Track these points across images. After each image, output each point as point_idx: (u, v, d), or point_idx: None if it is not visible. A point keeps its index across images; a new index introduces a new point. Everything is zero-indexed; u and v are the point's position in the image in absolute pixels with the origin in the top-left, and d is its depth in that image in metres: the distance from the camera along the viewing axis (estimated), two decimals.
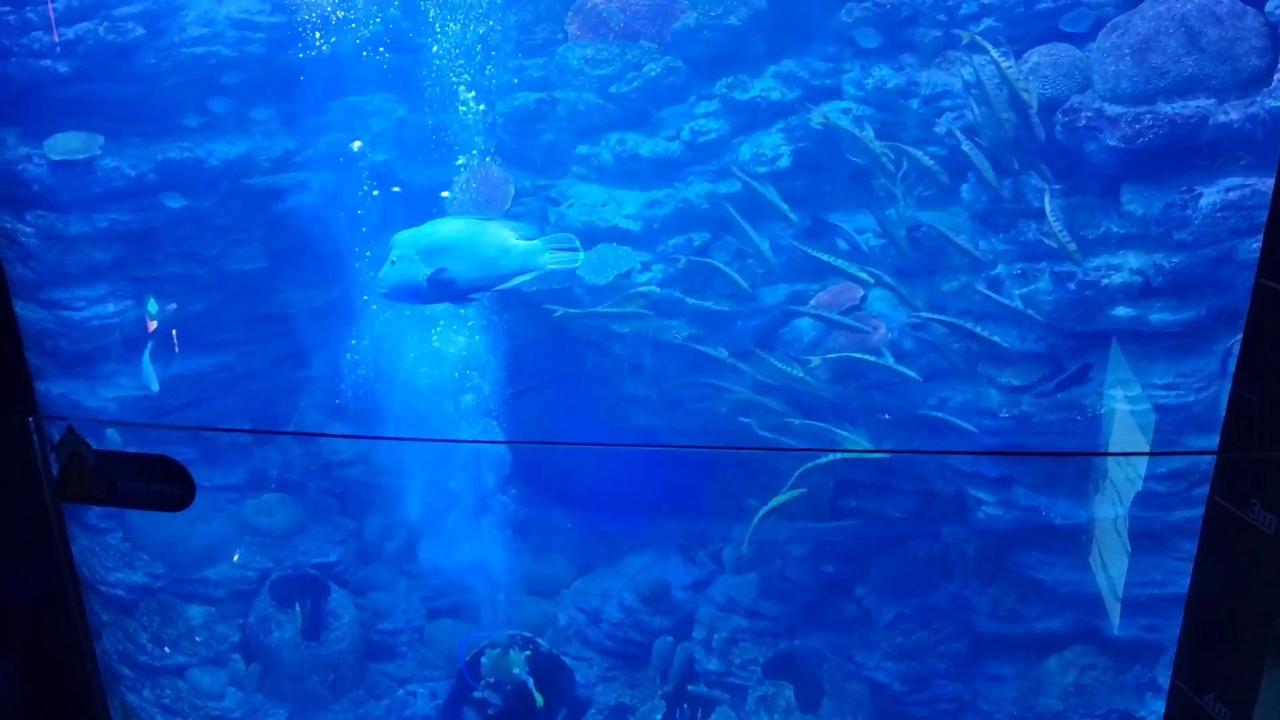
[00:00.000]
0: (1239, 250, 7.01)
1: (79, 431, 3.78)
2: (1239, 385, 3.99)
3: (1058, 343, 7.70)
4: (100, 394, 8.74)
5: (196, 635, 9.06)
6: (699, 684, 8.71)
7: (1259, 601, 3.78)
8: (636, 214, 8.74)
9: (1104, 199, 7.54)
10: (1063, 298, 7.45)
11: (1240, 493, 3.86)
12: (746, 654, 8.67)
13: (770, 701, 8.33)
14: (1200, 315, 7.22)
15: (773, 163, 8.57)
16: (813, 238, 8.87)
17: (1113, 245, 7.43)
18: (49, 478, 3.92)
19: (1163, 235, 7.18)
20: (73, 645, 5.79)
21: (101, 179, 8.35)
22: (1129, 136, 7.14)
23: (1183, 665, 4.22)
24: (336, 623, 9.28)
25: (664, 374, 8.94)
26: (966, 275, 7.95)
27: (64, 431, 3.76)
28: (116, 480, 3.76)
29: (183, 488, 3.73)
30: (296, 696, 9.19)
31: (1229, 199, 6.97)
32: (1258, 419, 3.88)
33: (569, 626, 9.39)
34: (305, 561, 9.48)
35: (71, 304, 8.50)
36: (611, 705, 8.98)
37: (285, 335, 9.46)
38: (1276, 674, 3.77)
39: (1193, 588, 4.16)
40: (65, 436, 3.76)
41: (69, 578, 5.86)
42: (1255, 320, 3.94)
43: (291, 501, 9.68)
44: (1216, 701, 3.97)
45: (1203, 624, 4.13)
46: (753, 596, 8.82)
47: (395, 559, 9.89)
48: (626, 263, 8.66)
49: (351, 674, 9.38)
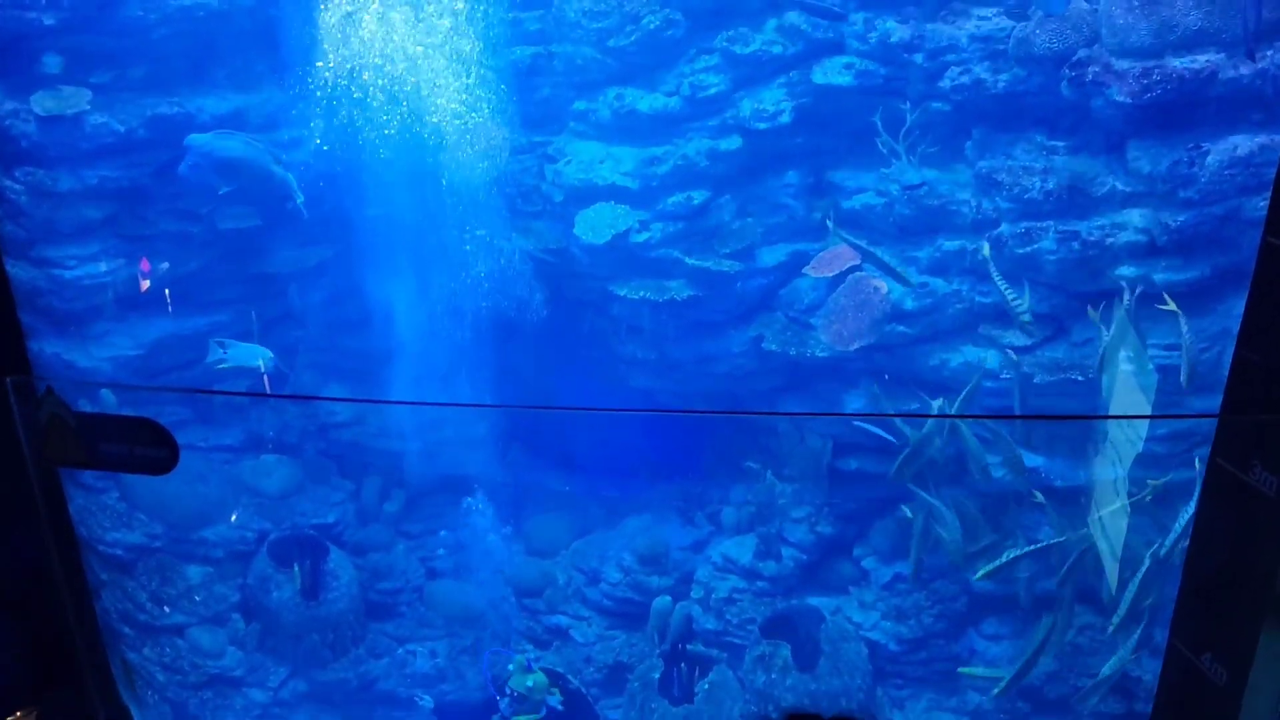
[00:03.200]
0: (1245, 208, 6.91)
1: (58, 393, 3.71)
2: (1242, 346, 3.92)
3: (1061, 303, 7.61)
4: (94, 354, 8.69)
5: (196, 595, 9.07)
6: (697, 643, 8.72)
7: (1258, 563, 3.74)
8: (635, 171, 8.63)
9: (1110, 156, 7.42)
10: (1067, 258, 7.35)
11: (1241, 454, 3.80)
12: (744, 613, 8.67)
13: (767, 660, 8.34)
14: (1205, 275, 7.14)
15: (774, 119, 8.44)
16: (814, 196, 8.77)
17: (1118, 204, 7.32)
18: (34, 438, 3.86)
19: (1169, 193, 7.07)
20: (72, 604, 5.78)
21: (90, 135, 8.24)
22: (1136, 92, 7.01)
23: (1180, 625, 4.19)
24: (335, 583, 9.29)
25: (663, 336, 8.87)
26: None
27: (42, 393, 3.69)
28: (99, 443, 3.69)
29: (168, 450, 3.65)
30: (296, 655, 9.22)
31: (1237, 156, 6.86)
32: (1261, 380, 3.81)
33: (568, 586, 9.40)
34: (303, 522, 9.47)
35: (63, 262, 8.42)
36: (610, 664, 9.00)
37: (280, 295, 9.39)
38: (1274, 634, 3.73)
39: (1191, 549, 4.12)
40: (44, 398, 3.69)
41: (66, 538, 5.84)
42: (1261, 280, 3.85)
43: (289, 463, 9.65)
44: (1213, 661, 3.94)
45: (1201, 585, 4.09)
46: (750, 557, 8.81)
47: (394, 520, 9.89)
48: (624, 222, 8.57)
49: (351, 633, 9.40)
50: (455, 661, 9.43)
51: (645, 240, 8.55)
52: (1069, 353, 7.53)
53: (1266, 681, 3.74)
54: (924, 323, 8.05)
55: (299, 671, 9.23)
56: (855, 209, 8.53)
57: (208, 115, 8.62)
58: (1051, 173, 7.48)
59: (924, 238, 8.18)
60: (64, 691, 5.58)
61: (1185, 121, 7.04)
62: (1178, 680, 4.15)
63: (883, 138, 8.20)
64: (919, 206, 8.07)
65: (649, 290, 8.59)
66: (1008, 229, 7.58)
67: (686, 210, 8.59)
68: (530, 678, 7.75)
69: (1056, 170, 7.48)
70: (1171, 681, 4.25)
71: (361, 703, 9.29)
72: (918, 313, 8.06)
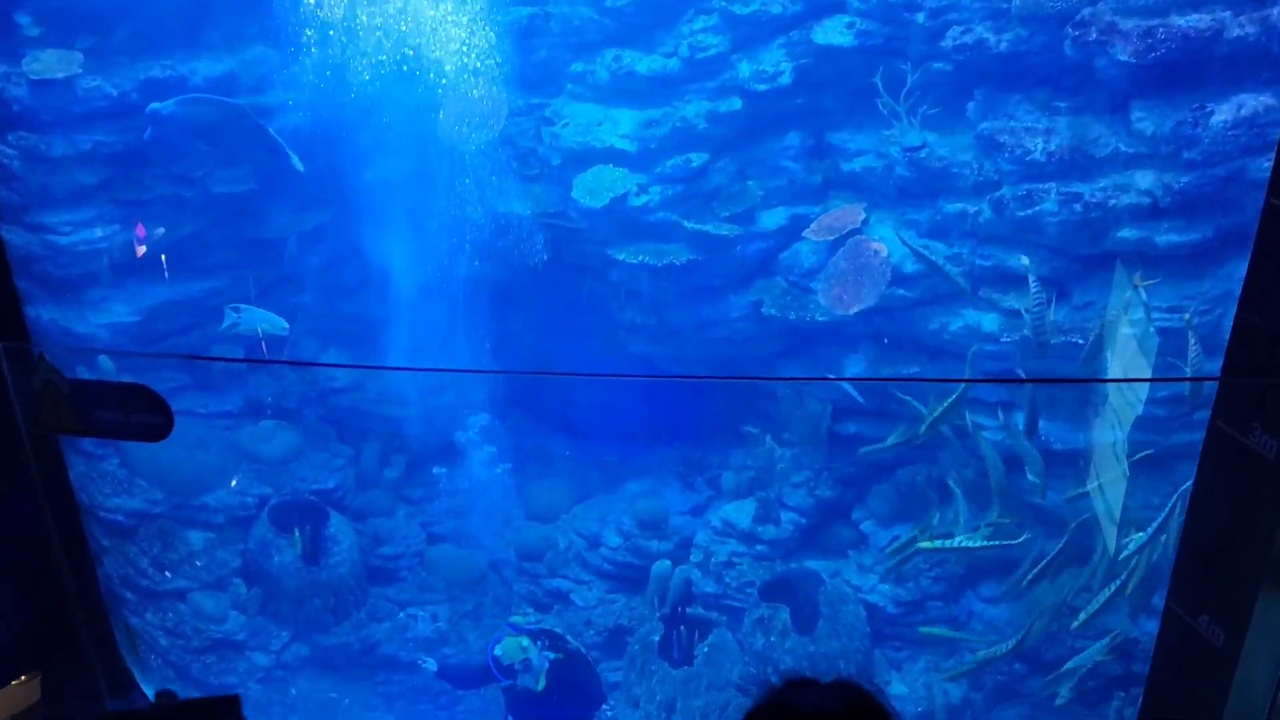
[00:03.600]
0: (1249, 169, 6.85)
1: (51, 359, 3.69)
2: (1244, 309, 3.91)
3: (1062, 266, 7.57)
4: (91, 320, 8.65)
5: (197, 560, 9.11)
6: (696, 606, 8.77)
7: (1257, 525, 3.74)
8: (633, 134, 8.55)
9: (1113, 117, 7.34)
10: (1069, 220, 7.30)
11: (1242, 417, 3.79)
12: (743, 577, 8.70)
13: (767, 623, 8.38)
14: (1207, 237, 7.08)
15: (773, 80, 8.35)
16: (814, 158, 8.69)
17: (1121, 165, 7.25)
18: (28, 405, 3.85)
19: (1172, 154, 7.00)
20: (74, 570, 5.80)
21: (83, 98, 8.15)
22: (1140, 51, 6.92)
23: (1178, 588, 4.21)
24: (336, 548, 9.33)
25: (662, 301, 8.83)
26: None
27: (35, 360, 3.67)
28: (93, 410, 3.69)
29: (162, 417, 3.65)
30: (298, 619, 9.28)
31: (1241, 116, 6.79)
32: (1262, 343, 3.79)
33: (568, 550, 9.43)
34: (303, 488, 9.49)
35: (58, 228, 8.37)
36: (610, 627, 9.05)
37: (277, 260, 9.33)
38: (1272, 596, 3.74)
39: (1191, 511, 4.12)
40: (38, 365, 3.68)
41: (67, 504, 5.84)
42: (1263, 242, 3.83)
43: (288, 428, 9.65)
44: (1210, 623, 3.95)
45: (1200, 547, 4.09)
46: (749, 521, 8.82)
47: (394, 485, 9.90)
48: (622, 185, 8.50)
49: (353, 598, 9.45)
50: (457, 625, 9.49)
51: (644, 204, 8.49)
52: (1070, 315, 7.49)
53: (1263, 643, 3.76)
54: (924, 286, 8.01)
55: (301, 635, 9.29)
56: (855, 171, 8.46)
57: (201, 78, 8.53)
58: (1054, 134, 7.40)
59: (924, 200, 8.11)
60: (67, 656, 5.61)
61: (1190, 81, 6.96)
62: (1175, 642, 4.17)
63: (883, 99, 8.11)
64: (920, 168, 8.00)
65: (648, 254, 8.54)
66: (1009, 191, 7.52)
67: (685, 173, 8.52)
68: (515, 642, 7.75)
69: (1059, 131, 7.40)
70: (1169, 643, 4.27)
71: (363, 666, 9.36)
72: (918, 276, 8.01)
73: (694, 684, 8.46)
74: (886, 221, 8.31)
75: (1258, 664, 3.78)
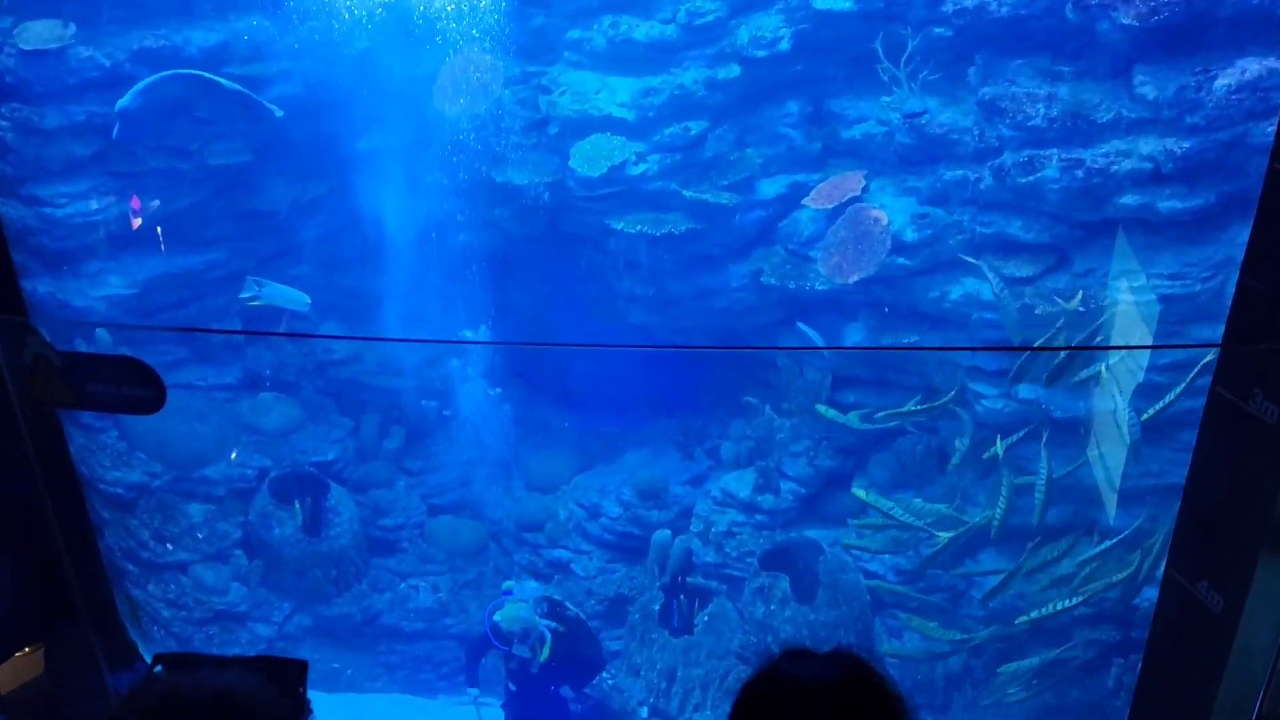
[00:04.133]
0: (1252, 134, 6.79)
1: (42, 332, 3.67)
2: (1246, 274, 3.87)
3: (1063, 233, 7.52)
4: (88, 293, 8.62)
5: (198, 532, 9.13)
6: (696, 575, 8.79)
7: (1257, 491, 3.73)
8: (631, 102, 8.48)
9: (1115, 81, 7.27)
10: (1070, 186, 7.24)
11: (1243, 383, 3.77)
12: (743, 546, 8.72)
13: (766, 592, 8.41)
14: (1209, 202, 7.03)
15: (772, 46, 8.27)
16: (813, 125, 8.62)
17: (1123, 130, 7.19)
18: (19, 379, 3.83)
19: (1174, 119, 6.94)
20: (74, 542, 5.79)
21: (75, 69, 8.08)
22: (1143, 14, 6.85)
23: (1177, 554, 4.20)
24: (336, 519, 9.34)
25: (660, 270, 8.79)
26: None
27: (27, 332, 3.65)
28: (85, 383, 3.67)
29: (154, 390, 3.63)
30: (300, 591, 9.31)
31: (1244, 80, 6.72)
32: (1264, 309, 3.76)
33: (568, 521, 9.45)
34: (303, 460, 9.49)
35: (53, 200, 8.32)
36: (611, 596, 9.09)
37: (275, 232, 9.29)
38: (1271, 562, 3.73)
39: (1191, 478, 4.11)
40: (29, 338, 3.65)
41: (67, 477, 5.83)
42: (1266, 207, 3.79)
43: (287, 401, 9.64)
44: (1209, 589, 3.95)
45: (1199, 514, 4.09)
46: (749, 491, 8.83)
47: (394, 457, 9.91)
48: (620, 154, 8.43)
49: (354, 569, 9.48)
50: (458, 596, 9.53)
51: (642, 172, 8.43)
52: (1071, 283, 7.45)
53: (1262, 608, 3.76)
54: (924, 254, 7.96)
55: (303, 606, 9.33)
56: (855, 138, 8.40)
57: (195, 48, 8.45)
58: (1055, 99, 7.33)
59: (925, 167, 8.05)
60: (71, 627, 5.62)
61: (1193, 45, 6.89)
62: (1174, 608, 4.17)
63: (884, 64, 8.04)
64: (920, 135, 7.93)
65: (646, 224, 8.48)
66: (1010, 157, 7.46)
67: (684, 141, 8.45)
68: (513, 608, 7.73)
69: (1061, 97, 7.33)
70: (1168, 609, 4.27)
71: (365, 636, 9.40)
72: (918, 244, 7.97)
73: (694, 652, 8.50)
74: (887, 189, 8.25)
75: (1257, 630, 3.78)
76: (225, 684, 2.05)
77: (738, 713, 2.06)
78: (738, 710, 2.06)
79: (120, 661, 5.96)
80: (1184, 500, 4.16)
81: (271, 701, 2.09)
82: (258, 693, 2.08)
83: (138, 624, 7.92)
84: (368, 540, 9.56)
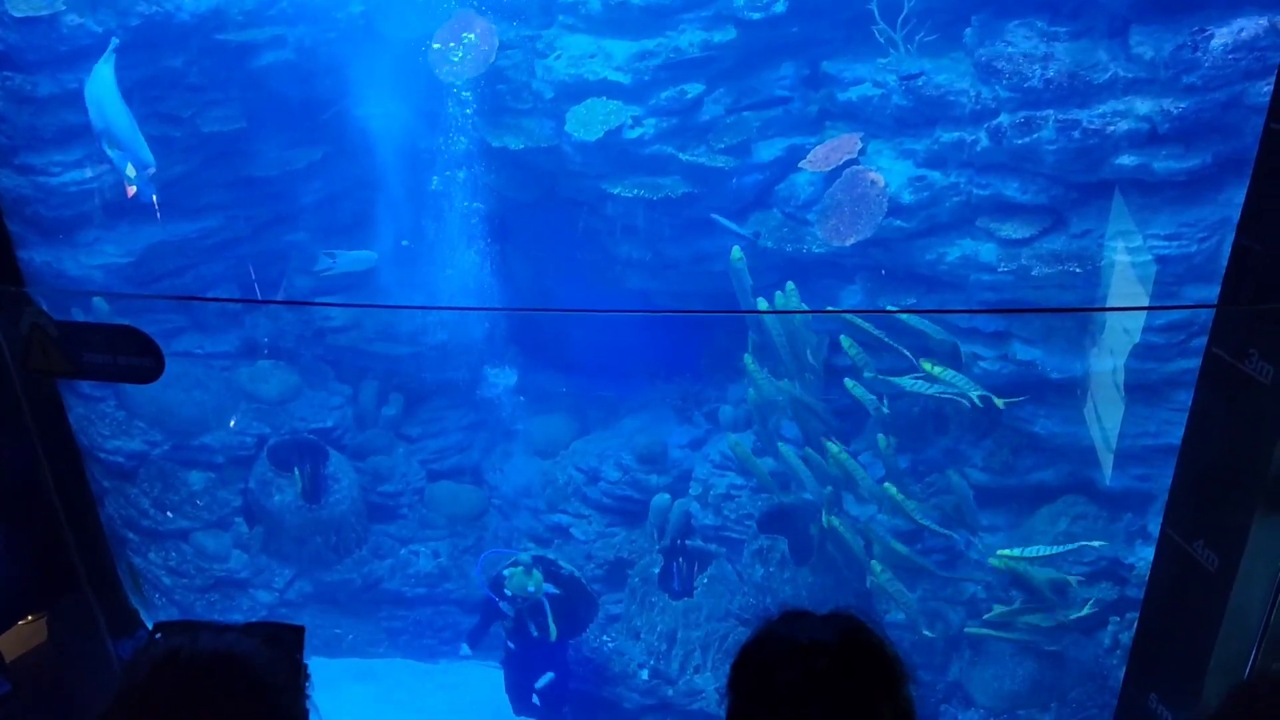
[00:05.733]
0: (1249, 94, 6.76)
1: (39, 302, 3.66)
2: (1242, 234, 3.87)
3: (1060, 194, 7.51)
4: (84, 262, 8.60)
5: (198, 500, 9.17)
6: (695, 538, 8.85)
7: (1253, 451, 3.75)
8: (626, 65, 8.41)
9: (1112, 41, 7.23)
10: (1066, 147, 7.22)
11: (1239, 343, 3.78)
12: (742, 509, 8.77)
13: (765, 554, 8.48)
14: (1206, 163, 7.01)
15: (768, 8, 8.20)
16: (810, 88, 8.57)
17: (1119, 91, 7.16)
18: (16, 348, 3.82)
19: (1171, 79, 6.91)
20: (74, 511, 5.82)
21: (67, 37, 8.00)
22: None
23: (1173, 513, 4.24)
24: (336, 486, 9.39)
25: (658, 235, 8.77)
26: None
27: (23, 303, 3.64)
28: (82, 352, 3.66)
29: (152, 359, 3.63)
30: (300, 557, 9.38)
31: (1241, 39, 6.68)
32: (1261, 269, 3.77)
33: (567, 485, 9.49)
34: (302, 427, 9.52)
35: (47, 169, 8.28)
36: (610, 560, 9.16)
37: (270, 199, 9.25)
38: (1266, 521, 3.77)
39: (1187, 437, 4.13)
40: (25, 308, 3.64)
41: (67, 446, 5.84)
42: (1262, 167, 3.79)
43: (286, 368, 9.65)
44: (1205, 548, 3.99)
45: (1195, 473, 4.12)
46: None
47: (393, 424, 9.93)
48: (616, 117, 8.38)
49: (354, 535, 9.54)
50: (458, 561, 9.60)
51: (638, 136, 8.39)
52: (1067, 244, 7.45)
53: (1257, 567, 3.80)
54: (921, 216, 7.94)
55: (304, 573, 9.40)
56: (852, 100, 8.34)
57: (187, 14, 8.36)
58: (1052, 60, 7.29)
59: (922, 129, 8.01)
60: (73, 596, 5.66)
61: (1189, 4, 6.84)
62: (1170, 567, 4.21)
63: (880, 26, 7.97)
64: (917, 97, 7.89)
65: (643, 188, 8.46)
66: (1007, 119, 7.43)
67: (680, 105, 8.40)
68: (530, 580, 7.85)
69: (1057, 57, 7.28)
70: (1163, 568, 4.32)
71: (366, 602, 9.48)
72: (915, 206, 7.94)
73: (694, 615, 8.58)
74: (884, 151, 8.21)
75: (1252, 588, 3.82)
76: (224, 646, 2.10)
77: (737, 674, 2.09)
78: (737, 671, 2.09)
79: (123, 629, 6.00)
80: (1180, 460, 4.19)
81: (269, 664, 2.14)
82: (255, 655, 2.12)
83: (139, 592, 7.98)
84: (367, 506, 9.61)
